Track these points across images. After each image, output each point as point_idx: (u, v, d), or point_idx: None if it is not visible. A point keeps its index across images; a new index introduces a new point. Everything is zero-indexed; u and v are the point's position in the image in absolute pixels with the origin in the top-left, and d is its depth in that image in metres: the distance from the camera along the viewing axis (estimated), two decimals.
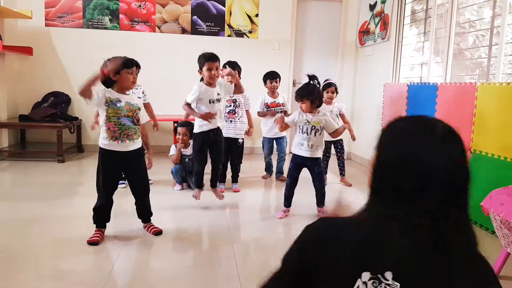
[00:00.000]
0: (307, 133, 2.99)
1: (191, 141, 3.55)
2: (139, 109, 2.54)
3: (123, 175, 2.71)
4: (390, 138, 0.82)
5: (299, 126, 3.03)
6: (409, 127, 0.81)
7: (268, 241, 2.67)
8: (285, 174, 4.07)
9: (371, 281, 0.70)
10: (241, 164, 3.83)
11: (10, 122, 4.89)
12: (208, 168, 3.22)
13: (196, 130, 3.07)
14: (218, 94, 3.00)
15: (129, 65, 2.45)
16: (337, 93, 4.02)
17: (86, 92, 2.26)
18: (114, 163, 2.45)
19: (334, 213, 3.23)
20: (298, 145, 3.02)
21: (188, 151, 3.67)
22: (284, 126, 3.04)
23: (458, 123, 3.28)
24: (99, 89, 2.39)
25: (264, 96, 3.98)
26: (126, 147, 2.45)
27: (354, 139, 3.95)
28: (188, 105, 3.00)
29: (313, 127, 3.00)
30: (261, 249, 2.53)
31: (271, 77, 3.91)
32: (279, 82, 3.96)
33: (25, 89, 5.19)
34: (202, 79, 3.00)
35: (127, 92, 2.51)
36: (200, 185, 3.20)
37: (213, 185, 3.26)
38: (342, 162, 4.13)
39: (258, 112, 3.99)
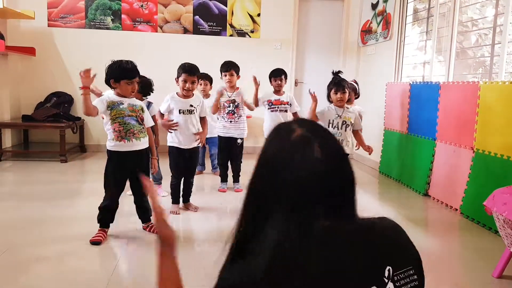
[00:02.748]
0: (337, 127, 2.96)
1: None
2: (142, 109, 2.55)
3: None
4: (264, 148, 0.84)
5: (330, 121, 2.99)
6: (274, 133, 0.83)
7: None
8: None
9: None
10: (241, 164, 3.82)
11: (13, 122, 4.90)
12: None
13: (170, 143, 3.01)
14: (191, 105, 2.96)
15: (129, 75, 2.42)
16: (356, 94, 4.00)
17: (89, 111, 2.34)
18: (122, 164, 2.47)
19: None
20: None
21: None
22: (314, 118, 2.96)
23: (461, 122, 3.29)
24: (102, 98, 2.43)
25: (269, 93, 3.87)
26: (133, 146, 2.47)
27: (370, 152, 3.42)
28: (161, 114, 3.01)
29: (344, 122, 2.97)
30: None
31: (275, 75, 3.81)
32: (285, 80, 3.79)
33: (28, 89, 5.20)
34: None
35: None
36: (177, 200, 3.09)
37: (185, 200, 3.15)
38: None
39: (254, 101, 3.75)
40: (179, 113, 2.95)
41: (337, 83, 3.04)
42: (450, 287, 2.11)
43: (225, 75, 3.60)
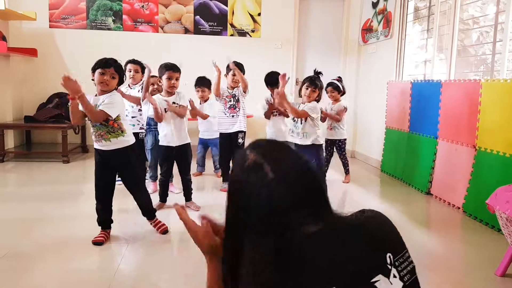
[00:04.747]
0: (297, 121, 3.15)
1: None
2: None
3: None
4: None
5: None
6: (233, 164, 0.87)
7: None
8: None
9: None
10: None
11: (15, 123, 4.92)
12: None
13: (161, 142, 3.05)
14: (174, 103, 2.99)
15: (103, 65, 2.36)
16: (340, 92, 4.05)
17: (77, 120, 2.34)
18: (101, 162, 2.47)
19: None
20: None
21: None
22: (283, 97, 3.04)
23: (463, 121, 3.28)
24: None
25: (268, 97, 3.89)
26: (106, 146, 2.44)
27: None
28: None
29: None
30: None
31: (272, 84, 3.71)
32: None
33: (30, 91, 5.22)
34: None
35: (110, 93, 2.43)
36: (164, 199, 3.10)
37: (187, 199, 3.19)
38: (345, 160, 4.14)
39: (264, 113, 3.83)
40: (165, 111, 3.00)
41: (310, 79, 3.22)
42: (452, 286, 2.11)
43: (228, 74, 3.63)
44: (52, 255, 2.29)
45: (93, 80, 2.42)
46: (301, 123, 3.14)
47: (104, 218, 2.51)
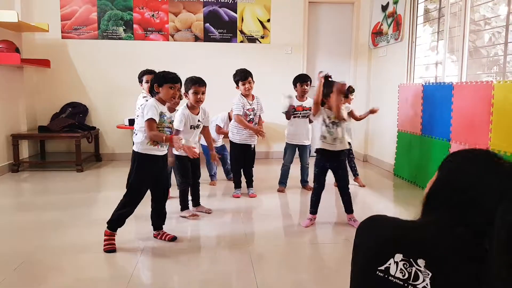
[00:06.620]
0: (329, 127, 2.99)
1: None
2: (172, 121, 2.67)
3: None
4: (455, 166, 0.95)
5: (324, 120, 3.01)
6: (476, 161, 0.91)
7: (285, 247, 2.67)
8: (310, 183, 4.06)
9: (403, 262, 0.82)
10: (253, 168, 3.83)
11: (30, 134, 4.99)
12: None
13: (177, 152, 2.99)
14: (199, 120, 3.02)
15: (172, 80, 2.55)
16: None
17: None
18: (152, 167, 2.53)
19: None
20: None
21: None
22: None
23: (475, 122, 3.24)
24: (155, 108, 2.48)
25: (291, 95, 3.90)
26: (162, 151, 2.57)
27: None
28: (177, 131, 2.94)
29: (334, 122, 3.00)
30: (278, 256, 2.53)
31: (301, 80, 3.81)
32: (310, 85, 3.85)
33: (43, 101, 5.31)
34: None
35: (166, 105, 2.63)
36: (187, 206, 3.14)
37: (197, 203, 3.24)
38: (353, 164, 4.11)
39: (286, 113, 3.82)
40: (190, 128, 3.02)
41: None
42: None
43: (243, 84, 3.55)
44: (66, 264, 2.32)
45: (157, 92, 2.54)
46: (338, 127, 2.97)
47: (123, 221, 2.54)
